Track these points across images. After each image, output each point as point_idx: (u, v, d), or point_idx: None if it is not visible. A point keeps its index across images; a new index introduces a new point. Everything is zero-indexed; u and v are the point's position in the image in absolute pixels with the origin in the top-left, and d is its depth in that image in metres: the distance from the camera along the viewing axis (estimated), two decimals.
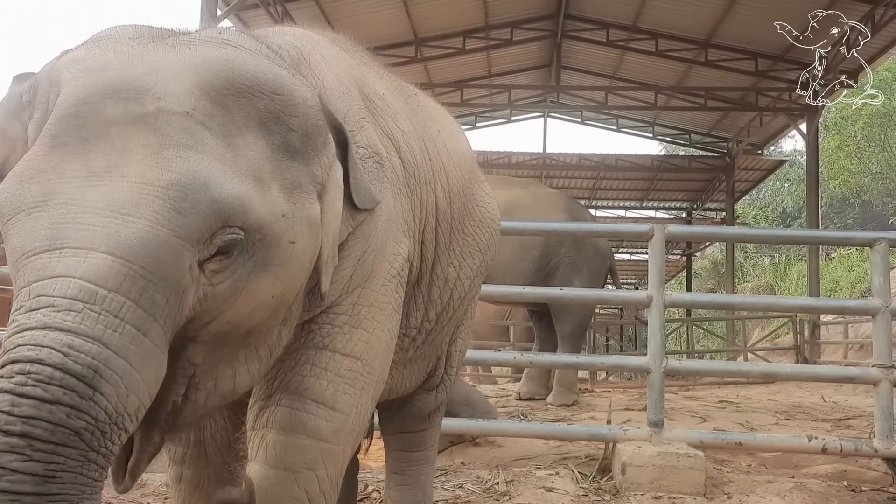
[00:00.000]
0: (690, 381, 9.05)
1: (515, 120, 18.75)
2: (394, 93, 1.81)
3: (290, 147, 1.27)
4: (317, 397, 1.47)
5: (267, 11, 11.03)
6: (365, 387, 1.55)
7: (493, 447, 4.27)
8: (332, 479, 1.52)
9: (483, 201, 2.17)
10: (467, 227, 2.04)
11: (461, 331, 2.26)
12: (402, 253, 1.62)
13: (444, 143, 1.95)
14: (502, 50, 14.59)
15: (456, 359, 2.27)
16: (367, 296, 1.54)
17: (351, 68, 1.67)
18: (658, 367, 3.54)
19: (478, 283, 2.18)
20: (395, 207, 1.60)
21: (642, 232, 3.71)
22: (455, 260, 1.98)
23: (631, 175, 18.37)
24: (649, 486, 3.28)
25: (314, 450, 1.47)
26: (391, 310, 1.60)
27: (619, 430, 3.61)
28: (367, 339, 1.54)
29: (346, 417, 1.51)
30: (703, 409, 5.98)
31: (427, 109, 2.01)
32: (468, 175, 2.07)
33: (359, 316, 1.52)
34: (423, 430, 2.29)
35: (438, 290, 1.93)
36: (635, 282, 29.62)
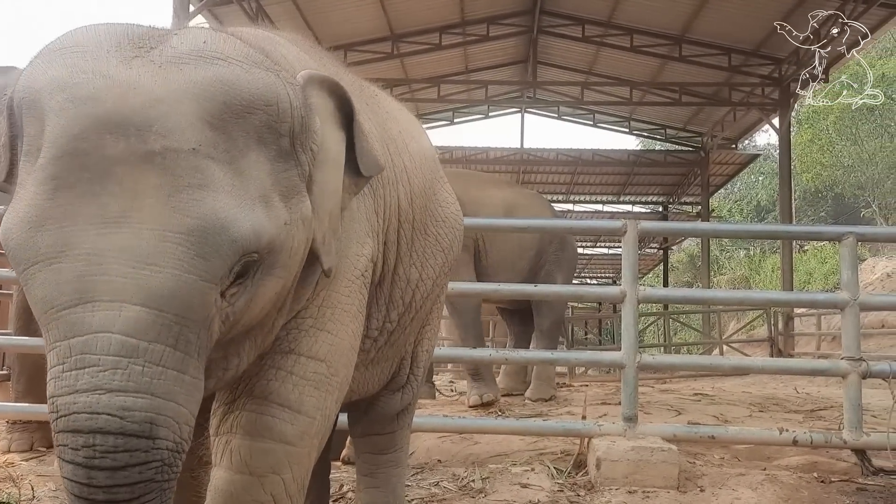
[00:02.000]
0: (666, 374, 9.13)
1: (493, 115, 18.80)
2: (354, 94, 1.73)
3: (284, 152, 1.31)
4: (282, 401, 1.48)
5: (241, 7, 10.93)
6: (330, 389, 1.56)
7: (469, 444, 4.29)
8: (298, 482, 1.53)
9: (445, 201, 2.17)
10: (430, 228, 2.04)
11: (427, 331, 2.26)
12: (365, 254, 1.63)
13: (405, 144, 1.93)
14: (479, 46, 14.62)
15: (422, 359, 2.26)
16: (331, 298, 1.55)
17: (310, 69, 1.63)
18: (632, 362, 3.56)
19: (441, 284, 2.17)
20: (357, 208, 1.61)
21: (615, 228, 3.73)
22: (418, 261, 1.98)
23: (607, 170, 18.50)
24: (623, 480, 3.31)
25: (280, 453, 1.47)
26: (355, 311, 1.61)
27: (593, 425, 3.64)
28: (332, 342, 1.55)
29: (311, 420, 1.52)
30: (677, 403, 6.03)
31: (388, 110, 1.97)
32: (430, 175, 2.06)
33: (323, 318, 1.54)
34: (391, 431, 2.26)
35: (400, 291, 1.90)
36: (613, 276, 29.82)
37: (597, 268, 28.79)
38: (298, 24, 12.59)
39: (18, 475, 3.24)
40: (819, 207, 25.92)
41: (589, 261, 26.35)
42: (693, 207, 20.04)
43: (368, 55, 13.90)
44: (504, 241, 6.11)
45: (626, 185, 19.78)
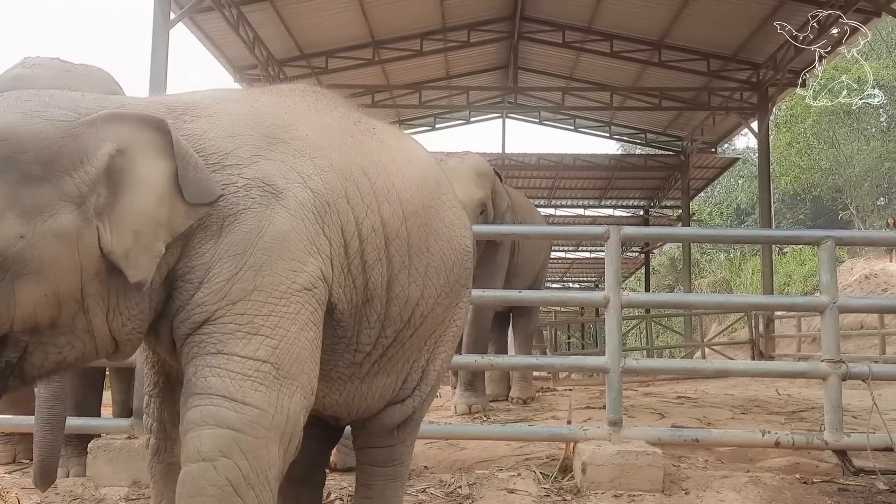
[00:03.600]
0: (649, 377, 9.19)
1: (474, 121, 18.83)
2: (327, 132, 1.98)
3: (31, 177, 1.56)
4: (222, 393, 1.64)
5: (222, 14, 10.89)
6: (283, 389, 1.69)
7: (455, 449, 4.30)
8: (258, 474, 1.63)
9: (451, 222, 2.22)
10: (433, 246, 2.11)
11: (440, 351, 2.28)
12: (306, 271, 1.77)
13: (397, 169, 2.08)
14: (460, 52, 14.66)
15: (432, 377, 2.28)
16: (259, 308, 1.70)
17: (262, 119, 1.90)
18: (616, 366, 3.59)
19: (445, 303, 2.20)
20: (290, 231, 1.77)
21: (598, 234, 3.76)
22: (419, 279, 2.05)
23: (589, 174, 18.60)
24: (609, 484, 3.33)
25: (226, 437, 1.61)
26: (304, 322, 1.75)
27: (579, 429, 3.66)
28: (274, 345, 1.69)
29: (261, 413, 1.64)
30: (661, 406, 6.08)
31: (381, 140, 2.14)
32: (429, 196, 2.15)
33: (254, 324, 1.69)
34: (390, 445, 2.26)
35: (398, 308, 2.02)
36: (595, 279, 29.94)
37: (578, 271, 28.91)
38: (280, 32, 12.59)
39: (3, 488, 3.22)
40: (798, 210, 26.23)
41: (571, 265, 26.47)
42: (674, 211, 20.20)
43: (350, 62, 13.91)
44: (532, 242, 6.21)
45: (608, 190, 19.90)
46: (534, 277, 6.60)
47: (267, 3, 11.63)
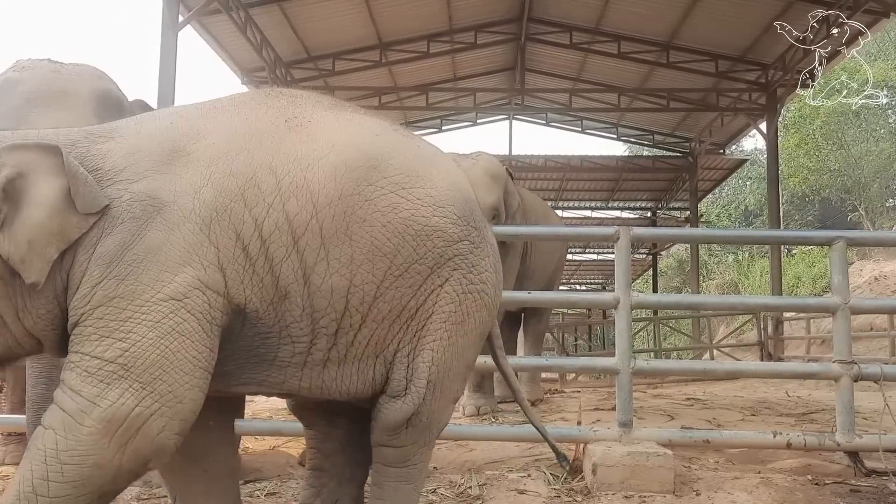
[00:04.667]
0: (658, 378, 9.17)
1: (481, 122, 18.85)
2: (240, 137, 2.07)
3: None
4: (68, 384, 1.86)
5: (230, 17, 10.93)
6: (127, 390, 1.83)
7: (464, 450, 4.29)
8: (72, 455, 1.80)
9: (394, 206, 2.13)
10: (357, 234, 2.07)
11: (427, 342, 2.19)
12: (176, 281, 1.89)
13: (314, 160, 2.08)
14: (467, 53, 14.67)
15: (424, 371, 2.19)
16: (118, 314, 1.86)
17: (170, 134, 2.07)
18: (626, 367, 3.58)
19: (401, 286, 2.13)
20: (162, 243, 1.91)
21: (608, 234, 3.75)
22: (342, 268, 2.05)
23: (596, 176, 18.57)
24: (620, 485, 3.32)
25: (55, 414, 1.84)
26: (166, 330, 1.86)
27: (589, 430, 3.65)
28: (124, 349, 1.84)
29: (90, 405, 1.81)
30: (671, 407, 6.06)
31: (310, 133, 2.14)
32: (352, 183, 2.09)
33: (108, 328, 1.85)
34: (399, 445, 2.24)
35: (325, 299, 2.03)
36: (602, 281, 29.89)
37: (586, 273, 28.88)
38: (287, 34, 12.62)
39: None
40: (806, 212, 26.12)
41: (578, 266, 26.43)
42: (682, 212, 20.15)
43: (357, 63, 13.93)
44: (545, 244, 6.18)
45: (615, 191, 19.86)
46: (547, 279, 6.58)
47: (274, 6, 11.67)
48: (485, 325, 2.34)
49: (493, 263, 2.35)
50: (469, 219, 2.28)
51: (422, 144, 2.41)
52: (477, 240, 2.29)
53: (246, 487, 3.49)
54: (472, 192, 2.40)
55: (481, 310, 2.28)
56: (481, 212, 2.43)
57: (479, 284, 2.27)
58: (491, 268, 2.33)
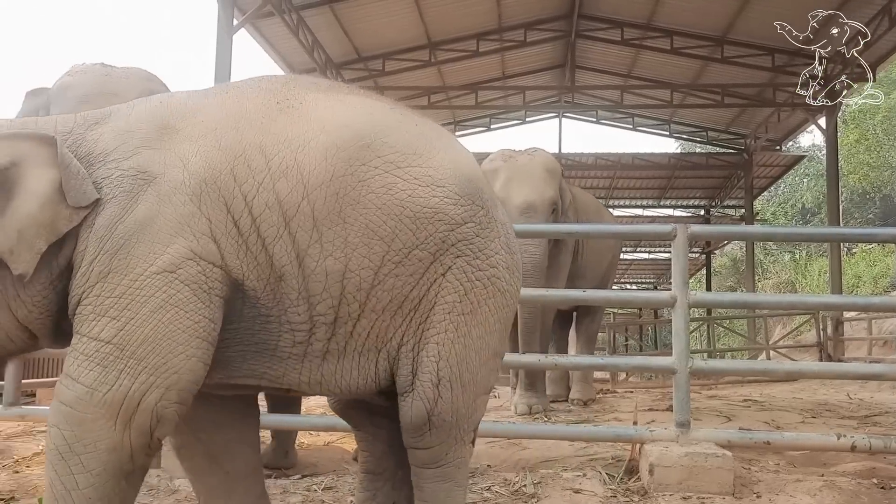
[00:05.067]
0: (712, 379, 9.01)
1: (530, 121, 18.77)
2: (231, 115, 2.06)
3: None
4: (67, 371, 1.87)
5: (282, 20, 11.10)
6: (124, 369, 1.84)
7: (517, 449, 4.28)
8: (85, 444, 1.83)
9: (389, 186, 2.06)
10: (350, 216, 2.01)
11: (431, 336, 2.11)
12: (168, 252, 1.88)
13: (305, 142, 2.04)
14: (516, 51, 14.63)
15: (430, 367, 2.10)
16: (110, 290, 1.86)
17: (161, 112, 2.08)
18: (684, 367, 3.52)
19: (401, 274, 2.06)
20: (154, 215, 1.91)
21: (665, 232, 3.69)
22: (336, 251, 1.99)
23: (648, 174, 18.34)
24: (678, 486, 3.27)
25: (57, 411, 1.86)
26: (159, 303, 1.86)
27: (645, 430, 3.60)
28: (120, 327, 1.84)
29: (88, 391, 1.83)
30: (727, 409, 5.95)
31: (302, 114, 2.11)
32: (344, 163, 2.04)
33: (104, 306, 1.85)
34: (427, 446, 2.16)
35: (320, 283, 1.99)
36: (654, 281, 29.48)
37: (637, 273, 28.52)
38: (338, 35, 12.76)
39: None
40: (867, 209, 25.31)
41: (629, 266, 26.11)
42: (736, 211, 19.75)
43: (406, 63, 14.01)
44: (597, 242, 6.14)
45: (667, 189, 19.58)
46: (600, 278, 6.51)
47: (326, 7, 11.81)
48: (504, 311, 2.23)
49: (504, 244, 2.23)
50: (473, 197, 2.17)
51: (422, 123, 2.29)
52: (484, 220, 2.18)
53: (303, 482, 3.55)
54: (477, 171, 2.28)
55: (495, 296, 2.18)
56: (489, 191, 2.29)
57: (489, 270, 2.17)
58: (502, 249, 2.21)
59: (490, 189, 2.29)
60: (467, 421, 2.20)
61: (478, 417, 2.27)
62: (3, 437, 4.46)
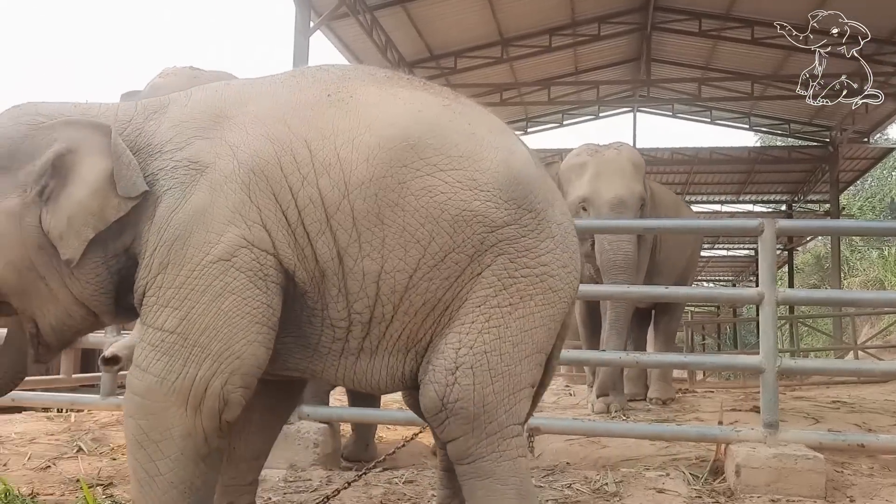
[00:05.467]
0: (797, 380, 8.71)
1: (604, 116, 18.47)
2: (281, 107, 2.07)
3: (3, 168, 2.01)
4: (137, 362, 1.95)
5: (357, 20, 11.25)
6: (189, 357, 1.90)
7: (597, 447, 4.24)
8: (160, 432, 1.91)
9: (429, 189, 2.03)
10: (389, 218, 2.00)
11: (455, 326, 2.06)
12: (223, 241, 1.92)
13: (349, 139, 2.03)
14: (589, 46, 14.44)
15: (448, 355, 2.05)
16: (171, 281, 1.92)
17: (216, 101, 2.12)
18: (772, 366, 3.43)
19: (435, 277, 2.03)
20: (207, 204, 1.95)
21: (752, 228, 3.60)
22: (373, 252, 1.99)
23: (726, 168, 17.82)
24: (766, 488, 3.20)
25: (130, 401, 1.95)
26: (218, 291, 1.91)
27: (731, 430, 3.52)
28: (182, 317, 1.90)
29: (157, 380, 1.90)
30: (814, 410, 5.74)
31: (350, 109, 2.08)
32: (386, 165, 2.01)
33: (166, 297, 1.92)
34: (447, 437, 2.11)
35: (357, 283, 2.00)
36: (732, 278, 28.66)
37: (714, 270, 27.77)
38: (411, 34, 12.86)
39: None
40: None
41: (706, 263, 25.45)
42: (820, 206, 19.01)
43: (478, 61, 14.01)
44: (676, 238, 6.05)
45: (746, 184, 18.98)
46: (679, 275, 6.36)
47: (399, 7, 11.91)
48: (552, 309, 2.14)
49: (559, 244, 2.16)
50: (521, 201, 2.10)
51: (477, 121, 2.21)
52: (531, 223, 2.11)
53: (384, 475, 3.60)
54: (529, 172, 2.18)
55: (545, 293, 2.11)
56: (544, 191, 2.19)
57: (538, 267, 2.10)
58: (556, 248, 2.14)
59: (546, 189, 2.22)
60: (502, 413, 2.09)
61: (519, 412, 2.14)
62: (100, 425, 4.69)
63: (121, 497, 3.14)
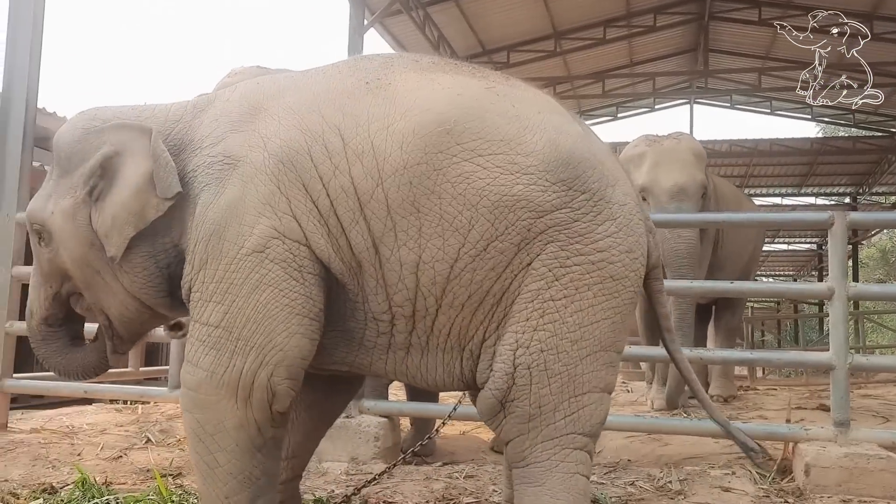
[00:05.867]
0: (862, 378, 8.44)
1: (659, 108, 18.14)
2: (317, 96, 2.06)
3: (63, 170, 2.21)
4: (188, 357, 2.00)
5: (410, 17, 11.29)
6: (234, 350, 1.92)
7: (658, 444, 4.18)
8: (214, 424, 1.95)
9: (467, 175, 1.93)
10: (425, 206, 1.92)
11: (511, 325, 1.96)
12: (255, 233, 1.93)
13: (384, 126, 1.97)
14: (645, 37, 14.20)
15: (506, 357, 1.95)
16: (212, 275, 1.95)
17: (253, 94, 2.15)
18: (842, 363, 3.32)
19: (479, 268, 1.93)
20: (239, 197, 1.97)
21: (821, 220, 3.49)
22: (410, 241, 1.93)
23: (787, 160, 17.33)
24: (836, 488, 3.11)
25: (185, 396, 2.01)
26: (255, 284, 1.92)
27: (800, 429, 3.43)
28: (225, 311, 1.93)
29: (207, 374, 1.94)
30: (884, 409, 5.56)
31: (387, 96, 2.03)
32: (421, 151, 1.94)
33: (209, 292, 1.95)
34: (505, 438, 2.04)
35: (395, 273, 1.94)
36: (793, 273, 27.91)
37: (774, 264, 27.08)
38: (463, 30, 12.84)
39: None
40: None
41: (766, 257, 24.84)
42: (886, 198, 18.36)
43: (531, 55, 13.91)
44: (738, 232, 5.93)
45: (808, 176, 18.42)
46: (741, 271, 6.22)
47: (451, 3, 11.90)
48: (615, 299, 1.99)
49: (622, 225, 2.00)
50: (571, 182, 1.97)
51: (522, 103, 2.08)
52: (585, 206, 1.97)
53: (444, 469, 3.62)
54: (582, 152, 2.03)
55: (604, 282, 1.97)
56: (600, 172, 2.03)
57: (594, 254, 1.96)
58: (618, 232, 1.99)
59: (605, 168, 2.06)
60: (560, 417, 1.96)
61: (583, 419, 1.98)
62: (167, 417, 4.82)
63: (189, 487, 3.22)
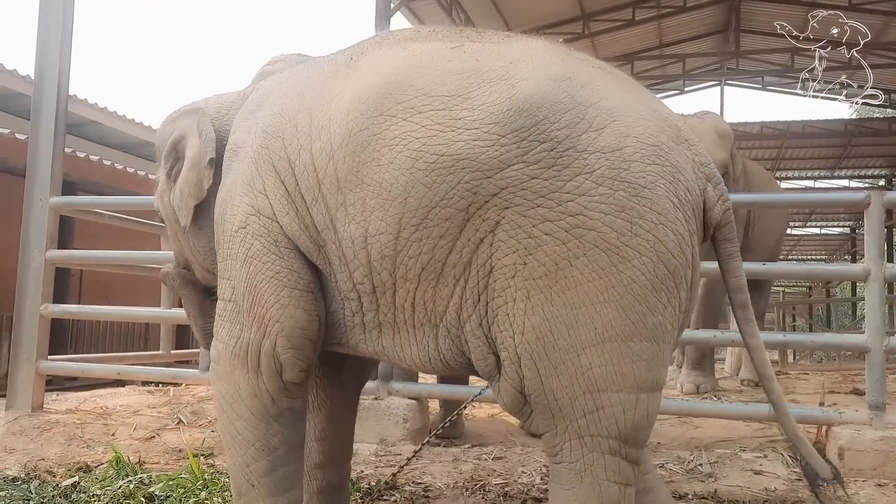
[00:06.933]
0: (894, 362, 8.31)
1: (689, 90, 17.90)
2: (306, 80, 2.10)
3: (158, 159, 2.47)
4: (214, 333, 2.12)
5: (437, 0, 11.23)
6: (244, 321, 2.01)
7: (688, 427, 4.15)
8: (232, 393, 2.03)
9: (403, 136, 1.76)
10: (366, 177, 1.80)
11: (498, 305, 1.71)
12: (238, 212, 2.05)
13: (340, 97, 1.91)
14: (675, 18, 13.97)
15: (507, 344, 1.71)
16: (223, 254, 2.09)
17: (271, 83, 2.26)
18: (879, 346, 3.27)
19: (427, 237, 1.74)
20: (234, 181, 2.11)
21: (857, 200, 3.42)
22: (358, 215, 1.82)
23: (820, 142, 17.00)
24: (871, 472, 3.07)
25: (211, 369, 2.12)
26: (243, 257, 2.02)
27: (834, 412, 3.38)
28: (232, 286, 2.04)
29: (224, 346, 2.05)
30: None
31: (351, 70, 1.97)
32: (361, 116, 1.82)
33: (222, 269, 2.09)
34: (535, 431, 1.81)
35: (351, 250, 1.87)
36: (825, 258, 27.47)
37: (805, 249, 26.68)
38: (490, 12, 12.73)
39: None
40: None
41: (797, 241, 24.47)
42: None
43: (559, 37, 13.75)
44: (769, 214, 5.84)
45: (842, 158, 18.06)
46: (769, 253, 6.13)
47: None
48: (617, 274, 1.63)
49: (602, 180, 1.64)
50: (525, 132, 1.67)
51: (488, 57, 1.83)
52: (544, 158, 1.65)
53: (473, 451, 3.63)
54: (551, 93, 1.71)
55: (590, 254, 1.62)
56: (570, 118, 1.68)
57: (564, 219, 1.63)
58: (595, 188, 1.63)
59: (583, 112, 1.70)
60: (580, 415, 1.69)
61: (606, 418, 1.68)
62: (198, 399, 4.88)
63: (220, 466, 3.27)
